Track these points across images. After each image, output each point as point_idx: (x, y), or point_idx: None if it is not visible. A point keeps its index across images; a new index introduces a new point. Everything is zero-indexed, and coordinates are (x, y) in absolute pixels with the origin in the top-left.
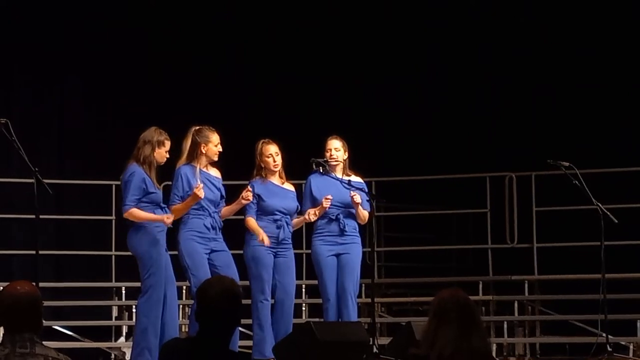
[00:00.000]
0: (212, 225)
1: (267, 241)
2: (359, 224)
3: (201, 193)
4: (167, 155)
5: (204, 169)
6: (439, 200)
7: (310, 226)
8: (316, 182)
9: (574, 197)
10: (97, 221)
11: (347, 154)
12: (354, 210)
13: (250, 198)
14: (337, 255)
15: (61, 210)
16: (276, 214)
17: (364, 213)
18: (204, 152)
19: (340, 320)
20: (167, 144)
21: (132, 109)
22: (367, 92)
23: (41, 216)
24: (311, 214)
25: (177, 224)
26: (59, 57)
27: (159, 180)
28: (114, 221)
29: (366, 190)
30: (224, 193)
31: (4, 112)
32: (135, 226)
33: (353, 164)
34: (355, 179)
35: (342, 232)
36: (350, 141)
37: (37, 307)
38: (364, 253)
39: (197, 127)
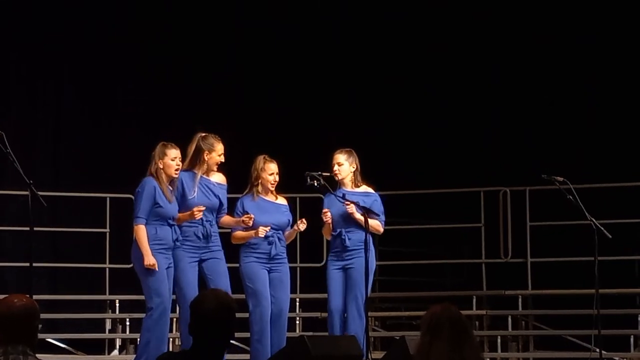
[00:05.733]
0: (203, 235)
1: (262, 230)
2: (373, 235)
3: (199, 215)
4: (177, 164)
5: (205, 176)
6: (433, 214)
7: (304, 240)
8: (327, 200)
9: (568, 212)
10: (91, 234)
11: (354, 166)
12: (355, 224)
13: (250, 224)
14: (343, 269)
15: (55, 222)
16: (267, 231)
17: (371, 222)
18: (206, 159)
19: (344, 333)
20: (170, 152)
21: (128, 122)
22: (360, 106)
23: (35, 228)
24: (299, 225)
25: None
26: (55, 67)
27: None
28: (108, 234)
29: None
30: (224, 200)
31: None
32: (135, 241)
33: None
34: (368, 189)
35: (344, 248)
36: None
37: (32, 320)
38: (367, 263)
39: (203, 134)
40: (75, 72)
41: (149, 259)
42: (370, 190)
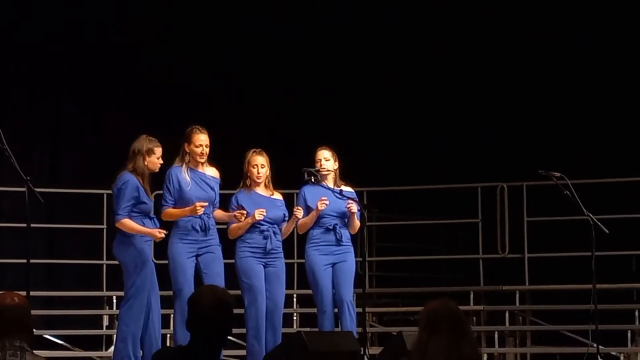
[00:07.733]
0: (200, 227)
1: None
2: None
3: (200, 211)
4: (161, 162)
5: (198, 169)
6: (431, 210)
7: (301, 235)
8: (310, 192)
9: (565, 208)
10: (88, 230)
11: (337, 163)
12: (347, 220)
13: (242, 220)
14: (333, 265)
15: (52, 219)
16: (262, 225)
17: (357, 223)
18: (187, 151)
19: (339, 330)
20: (158, 150)
21: (125, 117)
22: (359, 102)
23: (32, 225)
24: (297, 213)
25: (169, 225)
26: (53, 66)
27: (152, 189)
28: (105, 230)
29: (357, 200)
30: (217, 194)
31: None
32: (121, 235)
33: (344, 174)
34: (347, 189)
35: (338, 242)
36: (342, 151)
37: (27, 317)
38: (355, 262)
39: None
40: (75, 72)
41: (156, 233)
42: (351, 189)
